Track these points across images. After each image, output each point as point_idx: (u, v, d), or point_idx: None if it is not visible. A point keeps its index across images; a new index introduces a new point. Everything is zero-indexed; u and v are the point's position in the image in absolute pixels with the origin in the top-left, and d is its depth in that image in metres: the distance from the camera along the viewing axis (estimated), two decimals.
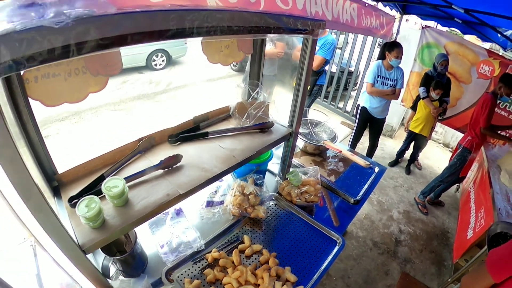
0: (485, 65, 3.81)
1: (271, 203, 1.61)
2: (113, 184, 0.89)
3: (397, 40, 3.93)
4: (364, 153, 3.60)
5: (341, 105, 5.52)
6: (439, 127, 4.95)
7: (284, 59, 3.24)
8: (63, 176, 1.01)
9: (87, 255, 0.82)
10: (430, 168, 4.26)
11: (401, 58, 2.93)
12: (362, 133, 3.42)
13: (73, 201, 0.90)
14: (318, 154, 2.15)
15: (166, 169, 1.05)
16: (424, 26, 4.16)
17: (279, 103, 1.57)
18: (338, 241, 1.42)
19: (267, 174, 1.82)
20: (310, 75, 1.33)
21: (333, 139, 2.18)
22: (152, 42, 0.72)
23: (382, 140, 4.79)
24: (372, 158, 3.52)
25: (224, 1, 1.46)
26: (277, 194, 1.64)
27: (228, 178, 1.68)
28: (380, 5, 3.66)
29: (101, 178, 1.00)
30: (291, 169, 1.66)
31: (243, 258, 1.25)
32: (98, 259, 1.10)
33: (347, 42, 5.29)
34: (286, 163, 1.65)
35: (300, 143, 2.13)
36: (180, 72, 7.11)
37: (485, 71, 3.81)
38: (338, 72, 5.39)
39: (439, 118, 3.78)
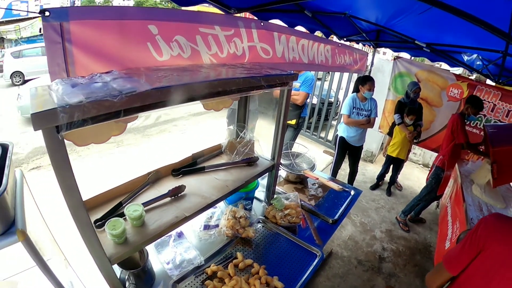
0: (454, 89, 4.29)
1: (259, 225, 1.92)
2: (134, 209, 1.19)
3: (372, 71, 4.48)
4: (346, 179, 3.97)
5: (322, 134, 6.00)
6: (418, 149, 5.42)
7: (268, 93, 3.64)
8: (86, 203, 1.28)
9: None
10: (411, 188, 4.65)
11: (373, 90, 3.40)
12: (342, 160, 3.82)
13: (97, 223, 1.18)
14: (299, 182, 2.49)
15: (173, 197, 1.36)
16: (396, 57, 4.72)
17: (263, 134, 1.93)
18: (318, 254, 1.72)
19: (255, 201, 2.13)
20: (287, 118, 1.71)
21: (312, 168, 2.54)
22: (171, 106, 1.07)
23: (363, 166, 5.21)
24: (353, 183, 3.92)
25: (216, 57, 1.85)
26: (264, 218, 1.95)
27: (221, 205, 1.99)
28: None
29: (119, 205, 1.30)
30: (275, 196, 1.99)
31: (237, 271, 1.53)
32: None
33: (328, 72, 5.86)
34: (270, 190, 1.99)
35: (283, 173, 2.49)
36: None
37: (455, 94, 4.29)
38: (319, 103, 5.93)
39: (415, 141, 4.22)
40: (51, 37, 1.19)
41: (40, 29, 17.03)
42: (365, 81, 3.37)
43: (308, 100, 3.83)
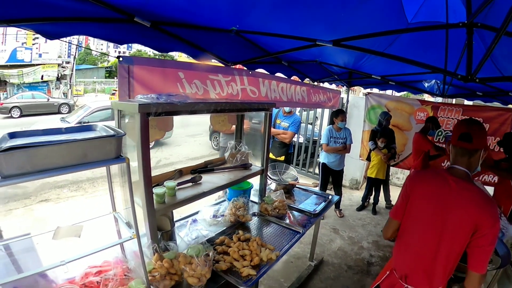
0: (420, 112, 5.18)
1: (255, 218, 2.58)
2: (170, 183, 1.91)
3: (348, 108, 5.46)
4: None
5: (311, 169, 6.91)
6: (400, 172, 6.18)
7: (254, 134, 4.39)
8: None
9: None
10: None
11: (345, 121, 4.28)
12: (326, 185, 4.59)
13: None
14: (286, 192, 3.22)
15: (193, 183, 2.09)
16: (367, 93, 5.68)
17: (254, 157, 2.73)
18: (300, 231, 2.38)
19: (250, 202, 2.81)
20: (270, 134, 2.51)
21: (295, 180, 3.32)
22: (202, 114, 1.87)
23: (350, 192, 5.94)
24: (339, 206, 4.62)
25: (219, 95, 2.71)
26: (258, 212, 2.63)
27: (225, 204, 2.68)
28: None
29: (156, 185, 2.00)
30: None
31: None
32: None
33: (316, 117, 6.91)
34: (262, 191, 2.71)
35: (273, 186, 3.24)
36: (168, 152, 8.52)
37: (421, 117, 5.13)
38: (305, 142, 6.95)
39: (393, 162, 4.99)
40: (122, 73, 2.02)
41: (42, 76, 17.96)
42: (338, 114, 4.27)
43: (294, 139, 4.67)
